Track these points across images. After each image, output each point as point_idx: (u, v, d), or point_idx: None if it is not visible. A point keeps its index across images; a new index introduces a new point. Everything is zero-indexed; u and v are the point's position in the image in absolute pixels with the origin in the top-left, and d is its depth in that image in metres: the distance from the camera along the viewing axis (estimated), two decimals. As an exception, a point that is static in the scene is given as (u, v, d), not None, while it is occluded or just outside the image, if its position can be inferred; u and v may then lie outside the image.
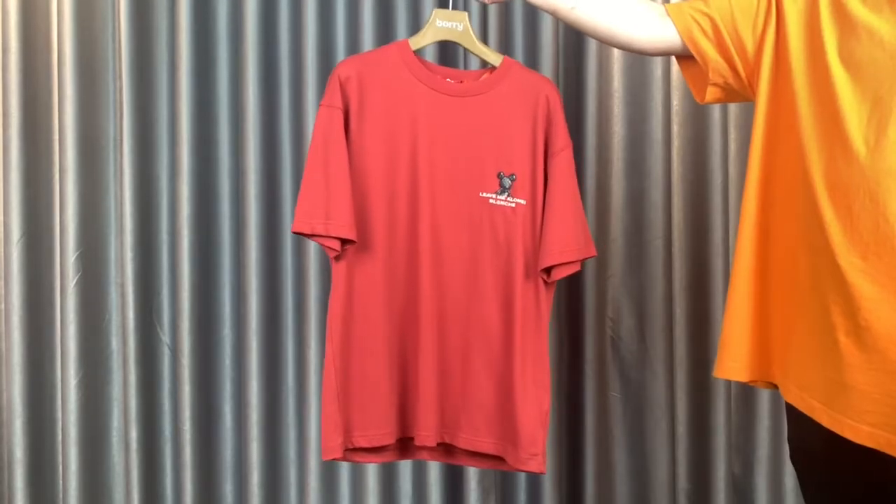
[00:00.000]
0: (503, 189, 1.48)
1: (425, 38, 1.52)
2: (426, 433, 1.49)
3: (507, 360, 1.48)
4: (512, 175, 1.48)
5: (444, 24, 1.51)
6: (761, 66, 1.33)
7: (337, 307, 1.49)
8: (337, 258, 1.47)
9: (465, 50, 1.55)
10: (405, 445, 1.54)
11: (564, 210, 1.48)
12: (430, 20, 1.51)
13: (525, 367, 1.48)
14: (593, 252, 1.51)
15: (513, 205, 1.48)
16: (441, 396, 1.50)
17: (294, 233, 1.45)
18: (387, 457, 1.55)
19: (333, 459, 1.50)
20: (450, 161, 1.48)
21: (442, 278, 1.49)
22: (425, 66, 1.50)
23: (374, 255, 1.48)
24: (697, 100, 1.45)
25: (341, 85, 1.46)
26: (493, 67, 1.52)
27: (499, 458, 1.52)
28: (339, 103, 1.46)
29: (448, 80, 1.50)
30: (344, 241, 1.45)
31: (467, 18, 1.52)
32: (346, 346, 1.49)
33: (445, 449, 1.54)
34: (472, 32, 1.52)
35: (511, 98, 1.50)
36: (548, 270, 1.48)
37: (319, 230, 1.43)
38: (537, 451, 1.47)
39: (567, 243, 1.47)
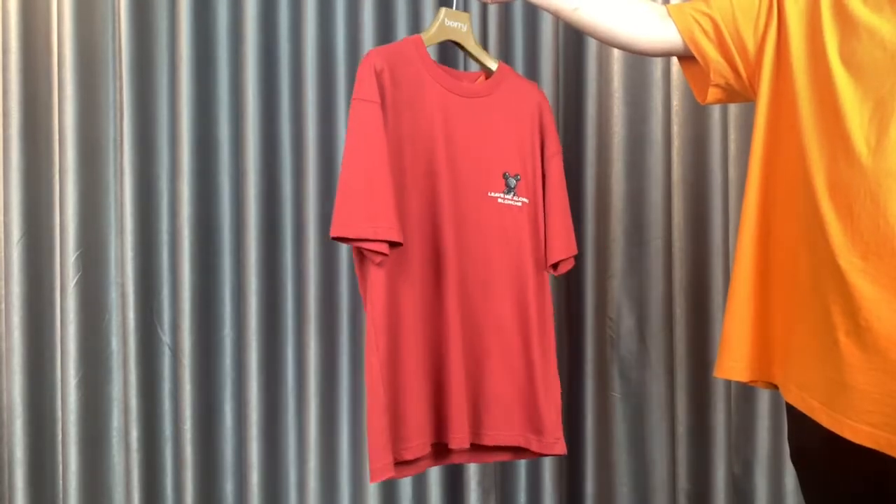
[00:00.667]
0: (509, 189, 1.51)
1: (436, 36, 1.49)
2: (461, 435, 1.46)
3: (525, 353, 1.52)
4: (517, 175, 1.51)
5: (451, 24, 1.50)
6: (762, 66, 1.33)
7: (381, 317, 1.39)
8: (379, 263, 1.38)
9: (465, 51, 1.55)
10: (436, 451, 1.52)
11: (563, 209, 1.56)
12: (440, 18, 1.49)
13: (542, 359, 1.52)
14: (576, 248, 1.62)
15: (519, 204, 1.51)
16: (468, 396, 1.49)
17: (334, 238, 1.35)
18: (422, 466, 1.50)
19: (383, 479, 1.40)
20: (463, 161, 1.47)
21: (463, 279, 1.48)
22: (436, 65, 1.49)
23: (408, 259, 1.43)
24: (699, 100, 1.45)
25: (377, 77, 1.38)
26: (488, 70, 1.54)
27: (519, 448, 1.54)
28: (376, 97, 1.37)
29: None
30: (390, 245, 1.37)
31: (469, 20, 1.52)
32: (392, 356, 1.41)
33: (471, 448, 1.53)
34: (473, 34, 1.53)
35: (510, 102, 1.52)
36: (554, 265, 1.55)
37: (368, 234, 1.33)
38: (560, 435, 1.52)
39: (569, 239, 1.55)
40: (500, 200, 1.50)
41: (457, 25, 1.51)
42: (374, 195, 1.35)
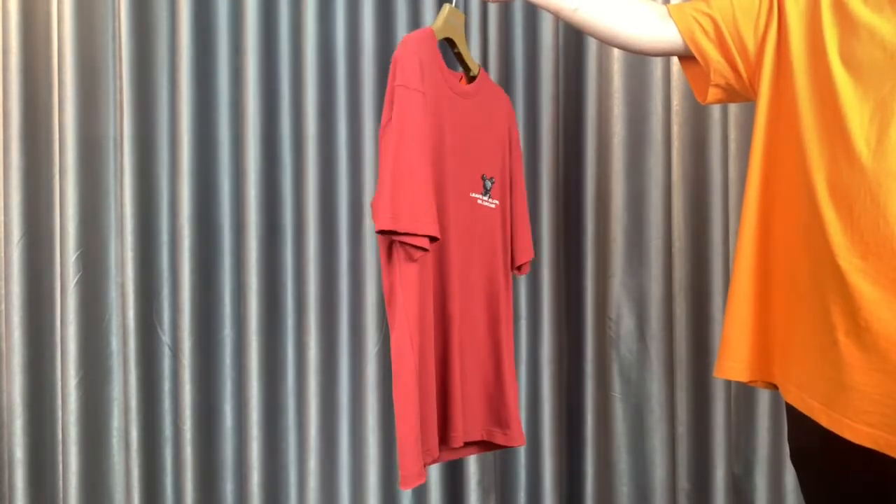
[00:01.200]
0: (486, 190, 1.53)
1: (442, 31, 1.47)
2: (460, 434, 1.48)
3: (495, 350, 1.56)
4: (492, 178, 1.54)
5: (453, 22, 1.50)
6: (762, 66, 1.33)
7: (416, 315, 1.35)
8: (416, 259, 1.34)
9: (455, 51, 1.54)
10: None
11: (526, 215, 1.62)
12: (445, 14, 1.47)
13: (508, 356, 1.57)
14: None
15: (492, 206, 1.54)
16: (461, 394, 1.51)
17: (382, 231, 1.30)
18: (427, 470, 1.47)
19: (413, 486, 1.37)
20: (458, 159, 1.48)
21: (462, 277, 1.49)
22: (442, 60, 1.47)
23: (425, 256, 1.39)
24: (699, 100, 1.45)
25: (420, 67, 1.33)
26: (468, 73, 1.54)
27: (483, 442, 1.58)
28: (422, 86, 1.32)
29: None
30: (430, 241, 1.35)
31: (464, 21, 1.54)
32: (422, 357, 1.39)
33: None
34: (464, 36, 1.54)
35: (489, 106, 1.55)
36: (518, 266, 1.62)
37: (416, 228, 1.30)
38: (520, 428, 1.58)
39: (531, 242, 1.63)
40: (479, 201, 1.52)
41: (457, 24, 1.51)
42: (420, 189, 1.32)
